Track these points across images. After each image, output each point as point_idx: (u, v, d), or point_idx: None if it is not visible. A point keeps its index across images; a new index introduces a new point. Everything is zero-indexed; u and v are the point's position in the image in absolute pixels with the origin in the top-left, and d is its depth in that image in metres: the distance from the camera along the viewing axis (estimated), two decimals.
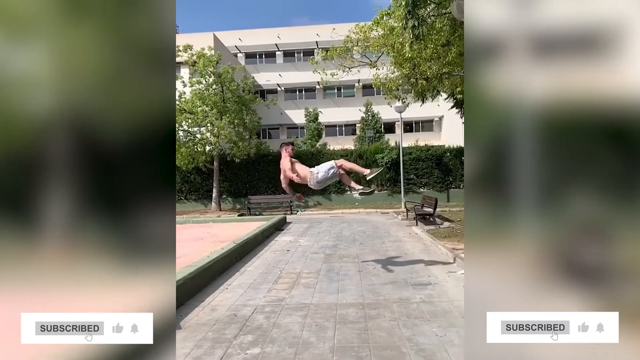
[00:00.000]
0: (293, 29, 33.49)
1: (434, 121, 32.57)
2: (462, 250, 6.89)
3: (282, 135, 33.14)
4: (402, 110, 15.72)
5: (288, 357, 3.21)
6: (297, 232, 10.90)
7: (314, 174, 5.64)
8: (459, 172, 18.58)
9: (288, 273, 6.13)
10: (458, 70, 9.01)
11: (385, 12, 8.82)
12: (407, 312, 4.17)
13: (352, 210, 16.58)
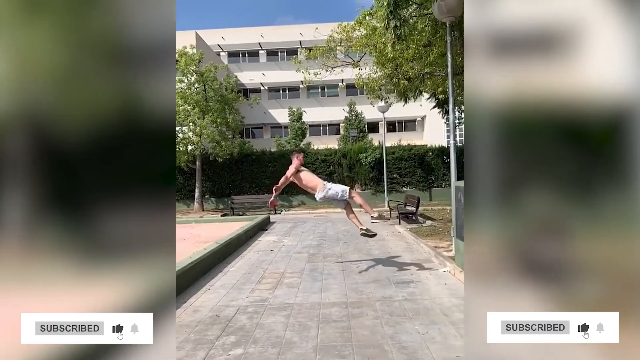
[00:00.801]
0: (276, 28, 33.37)
1: (417, 121, 32.92)
2: (444, 249, 6.99)
3: (266, 135, 33.01)
4: (385, 110, 15.83)
5: (271, 357, 3.19)
6: (281, 232, 10.87)
7: (326, 187, 5.64)
8: (441, 172, 18.82)
9: (271, 273, 6.11)
10: (440, 71, 9.14)
11: (368, 12, 8.87)
12: (390, 310, 4.21)
13: (336, 210, 16.59)
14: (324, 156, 19.19)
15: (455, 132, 7.02)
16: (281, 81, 32.09)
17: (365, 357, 3.12)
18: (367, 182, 19.17)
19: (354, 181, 19.23)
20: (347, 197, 5.64)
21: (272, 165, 19.08)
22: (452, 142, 6.74)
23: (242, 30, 32.49)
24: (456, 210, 5.82)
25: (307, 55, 11.06)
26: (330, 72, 10.97)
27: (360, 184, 19.23)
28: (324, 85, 31.74)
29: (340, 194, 5.60)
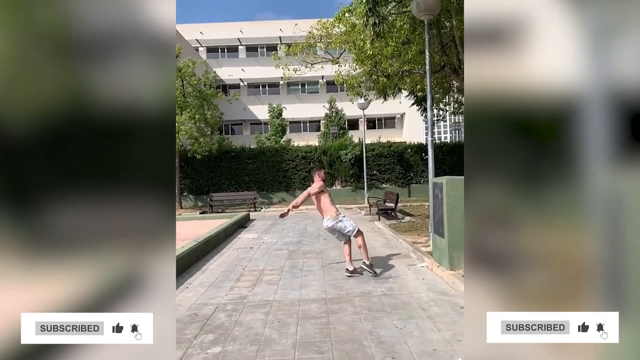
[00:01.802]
0: (256, 24, 33.07)
1: (396, 118, 33.24)
2: (422, 244, 7.09)
3: (246, 131, 32.73)
4: (364, 107, 15.91)
5: (250, 355, 3.18)
6: (261, 229, 10.81)
7: (339, 217, 5.44)
8: (420, 168, 19.06)
9: (251, 271, 6.07)
10: (418, 68, 9.23)
11: (347, 9, 8.88)
12: (369, 305, 4.25)
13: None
14: (304, 153, 19.14)
15: (433, 130, 7.12)
16: (261, 77, 31.85)
17: (344, 353, 3.14)
18: (347, 179, 19.25)
19: (334, 178, 19.28)
20: (351, 236, 5.51)
21: (252, 162, 18.92)
22: (429, 139, 6.83)
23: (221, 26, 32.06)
24: (434, 206, 5.91)
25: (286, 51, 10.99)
26: (310, 68, 10.94)
27: (340, 180, 19.30)
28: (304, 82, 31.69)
29: (347, 229, 5.45)
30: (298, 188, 19.09)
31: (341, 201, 17.85)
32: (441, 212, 5.41)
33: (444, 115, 15.41)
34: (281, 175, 18.92)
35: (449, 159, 18.89)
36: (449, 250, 5.19)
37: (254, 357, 3.13)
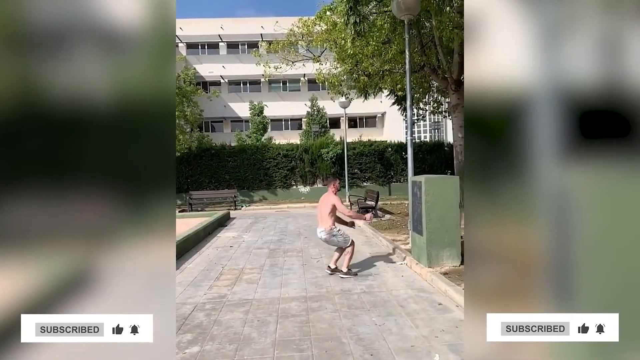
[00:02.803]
0: (237, 20, 32.68)
1: (377, 117, 33.45)
2: (402, 242, 7.17)
3: (226, 129, 32.38)
4: (346, 106, 15.95)
5: (228, 354, 3.16)
6: (241, 228, 10.73)
7: (333, 231, 5.32)
8: (400, 167, 19.26)
9: (230, 269, 6.02)
10: (398, 68, 9.31)
11: (328, 7, 8.87)
12: (348, 303, 4.27)
13: (297, 205, 16.62)
14: (285, 151, 19.07)
15: (412, 129, 7.19)
16: (242, 74, 31.52)
17: (323, 350, 3.15)
18: (329, 177, 19.29)
19: (315, 176, 19.29)
20: (344, 246, 5.42)
21: (232, 160, 18.74)
22: (409, 138, 6.91)
23: (201, 22, 31.57)
24: (412, 204, 5.98)
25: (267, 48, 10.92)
26: (291, 66, 10.90)
27: (321, 178, 19.32)
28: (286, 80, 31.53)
29: (341, 244, 5.37)
30: (279, 186, 19.03)
31: None
32: (420, 210, 5.48)
33: (423, 115, 15.57)
34: (262, 174, 18.81)
35: (429, 158, 19.15)
36: (427, 247, 5.27)
37: (233, 357, 3.11)
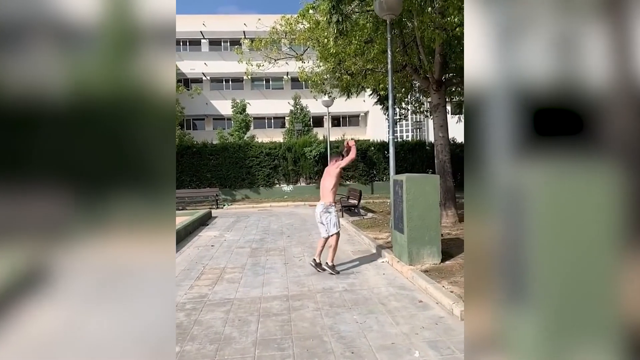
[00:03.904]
0: (219, 17, 32.36)
1: (360, 116, 33.62)
2: (383, 240, 7.23)
3: (208, 127, 32.03)
4: (329, 105, 15.98)
5: (208, 354, 3.13)
6: (223, 227, 10.63)
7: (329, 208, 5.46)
8: (382, 166, 19.40)
9: (212, 269, 5.97)
10: (381, 67, 9.37)
11: (311, 6, 8.86)
12: (330, 301, 4.28)
13: (280, 204, 16.56)
14: (268, 149, 18.97)
15: (394, 128, 7.24)
16: (224, 72, 31.22)
17: (305, 349, 3.15)
18: (312, 176, 19.28)
19: (298, 175, 19.26)
20: (326, 235, 5.45)
21: (214, 158, 18.53)
22: (391, 137, 6.96)
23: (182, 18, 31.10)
24: (394, 203, 6.04)
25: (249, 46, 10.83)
26: (273, 64, 10.85)
27: (305, 177, 19.30)
28: (269, 78, 31.38)
29: (330, 225, 5.39)
30: (262, 185, 18.93)
31: (305, 198, 17.88)
32: (401, 209, 5.54)
33: (405, 114, 15.72)
34: (244, 172, 18.67)
35: (410, 157, 19.35)
36: (408, 245, 5.32)
37: (213, 357, 3.08)
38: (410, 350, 3.08)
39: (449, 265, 5.26)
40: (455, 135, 18.10)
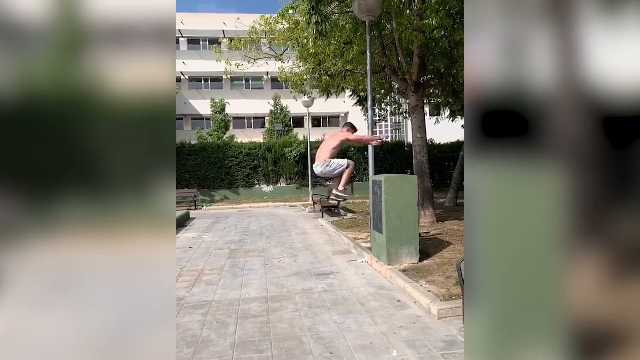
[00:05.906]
0: (198, 15, 31.91)
1: (340, 117, 33.75)
2: (363, 240, 7.27)
3: (186, 126, 31.56)
4: (309, 105, 15.97)
5: (185, 357, 3.08)
6: (201, 228, 10.49)
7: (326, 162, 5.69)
8: (362, 166, 19.51)
9: (189, 271, 5.88)
10: (360, 68, 9.42)
11: (290, 6, 8.83)
12: (309, 302, 4.28)
13: (260, 204, 16.45)
14: (248, 149, 18.82)
15: (374, 129, 7.29)
16: (203, 71, 30.83)
17: (283, 350, 3.14)
18: (292, 176, 19.23)
19: (278, 175, 19.17)
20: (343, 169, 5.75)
21: (193, 158, 18.26)
22: None
23: None
24: (373, 203, 6.08)
25: (228, 45, 10.71)
26: (252, 64, 10.76)
27: (285, 177, 19.23)
28: (249, 77, 31.16)
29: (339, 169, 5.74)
30: (241, 185, 18.76)
31: (285, 198, 17.82)
32: (380, 209, 5.58)
33: (384, 115, 15.86)
34: (223, 172, 18.47)
35: (389, 158, 19.54)
36: (387, 245, 5.37)
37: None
38: (388, 349, 3.11)
39: (426, 265, 5.33)
40: (433, 136, 18.39)
